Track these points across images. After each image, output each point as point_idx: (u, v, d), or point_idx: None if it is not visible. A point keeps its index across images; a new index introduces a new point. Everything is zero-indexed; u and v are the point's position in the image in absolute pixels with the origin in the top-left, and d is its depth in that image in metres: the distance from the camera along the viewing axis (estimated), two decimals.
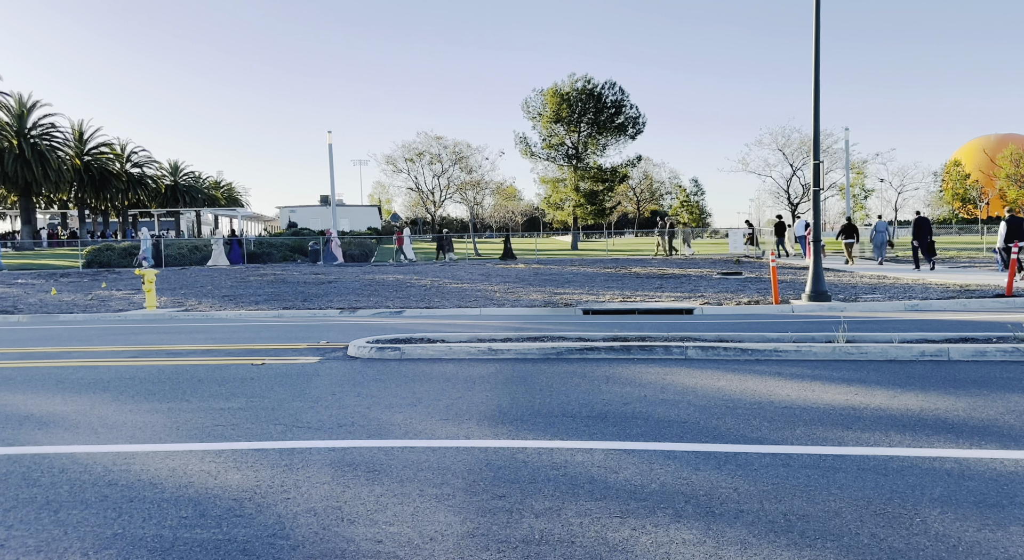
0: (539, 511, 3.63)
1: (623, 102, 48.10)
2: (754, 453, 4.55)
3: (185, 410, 5.94)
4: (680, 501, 3.74)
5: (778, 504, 3.68)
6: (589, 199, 48.90)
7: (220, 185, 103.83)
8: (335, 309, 15.02)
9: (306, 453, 4.69)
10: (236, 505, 3.78)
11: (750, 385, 6.60)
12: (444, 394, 6.41)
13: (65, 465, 4.48)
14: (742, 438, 4.89)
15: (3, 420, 5.67)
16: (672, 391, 6.38)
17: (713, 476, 4.12)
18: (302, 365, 8.07)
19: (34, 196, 57.74)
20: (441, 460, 4.48)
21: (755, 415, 5.49)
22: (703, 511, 3.61)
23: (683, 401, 5.99)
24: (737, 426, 5.19)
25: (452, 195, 72.86)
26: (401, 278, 22.87)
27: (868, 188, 71.90)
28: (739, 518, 3.51)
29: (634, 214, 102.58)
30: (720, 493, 3.85)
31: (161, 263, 30.83)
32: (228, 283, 22.21)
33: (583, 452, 4.61)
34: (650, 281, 20.31)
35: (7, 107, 53.29)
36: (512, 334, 9.56)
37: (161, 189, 78.82)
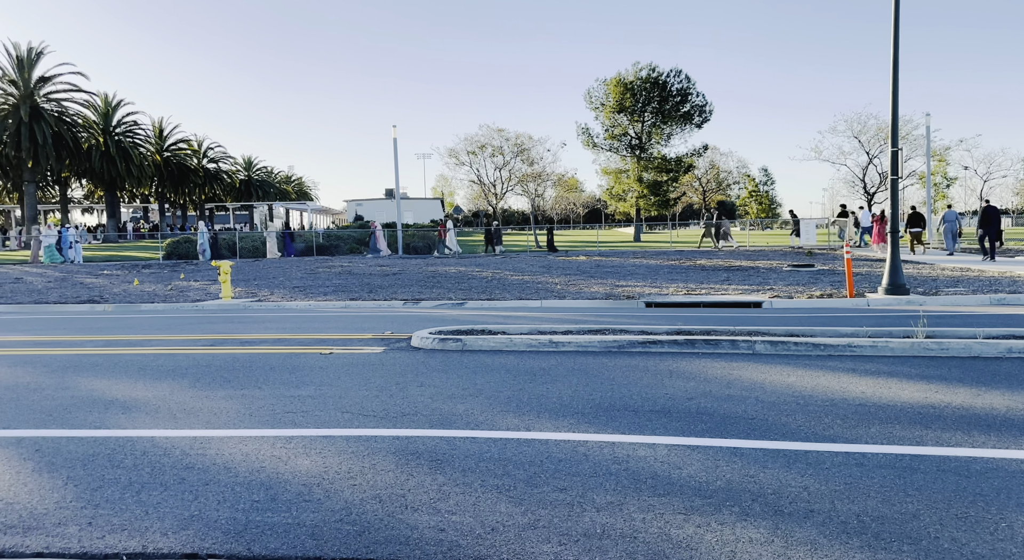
0: (601, 505, 3.60)
1: (689, 90, 47.05)
2: (825, 451, 4.39)
3: (258, 397, 6.16)
4: (747, 499, 3.65)
5: (851, 504, 3.55)
6: (652, 190, 48.11)
7: (291, 179, 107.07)
8: (399, 300, 15.29)
9: (372, 441, 4.79)
10: (305, 490, 3.90)
11: (822, 381, 6.38)
12: (505, 386, 6.44)
13: (146, 448, 4.72)
14: (813, 436, 4.73)
15: (90, 404, 6.01)
16: (739, 387, 6.23)
17: (782, 474, 4.00)
18: (367, 355, 8.25)
19: (118, 191, 60.90)
20: (503, 451, 4.51)
21: (827, 412, 5.30)
22: (771, 510, 3.51)
23: (750, 397, 5.83)
24: (808, 423, 5.03)
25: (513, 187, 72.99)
26: (463, 270, 23.08)
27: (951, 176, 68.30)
28: (809, 518, 3.40)
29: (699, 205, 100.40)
30: (789, 492, 3.73)
31: (217, 255, 32.01)
32: (298, 275, 22.90)
33: (645, 447, 4.55)
34: (716, 273, 19.87)
35: (94, 106, 56.29)
36: (573, 327, 9.52)
37: (236, 184, 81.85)
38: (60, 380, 7.04)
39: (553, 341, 8.39)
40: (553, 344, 8.36)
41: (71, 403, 6.03)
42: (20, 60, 48.58)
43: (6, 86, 48.64)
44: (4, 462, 4.45)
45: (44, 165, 49.63)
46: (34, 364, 8.03)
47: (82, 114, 54.45)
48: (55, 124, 48.58)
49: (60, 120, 49.77)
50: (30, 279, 22.99)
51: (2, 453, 4.64)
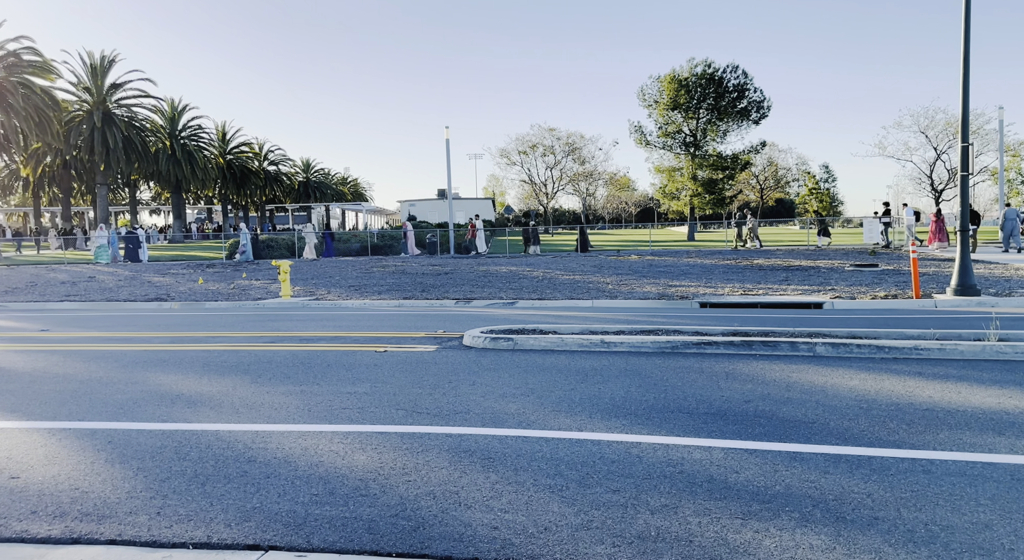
0: (655, 508, 3.56)
1: (746, 86, 46.02)
2: (890, 457, 4.24)
3: (316, 393, 6.31)
4: (807, 505, 3.55)
5: (918, 513, 3.42)
6: (707, 188, 47.25)
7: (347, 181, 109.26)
8: (451, 299, 15.43)
9: (425, 438, 4.85)
10: (362, 485, 3.97)
11: (886, 385, 6.16)
12: (557, 385, 6.43)
13: (211, 442, 4.89)
14: (877, 441, 4.57)
15: (158, 399, 6.26)
16: (798, 390, 6.07)
17: (844, 480, 3.88)
18: (420, 353, 8.35)
19: (184, 193, 63.20)
20: (554, 451, 4.50)
21: (892, 417, 5.12)
22: (833, 516, 3.40)
23: (811, 400, 5.67)
24: (872, 428, 4.86)
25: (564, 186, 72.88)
26: (514, 270, 23.14)
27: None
28: (873, 525, 3.29)
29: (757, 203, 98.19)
30: (852, 498, 3.62)
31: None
32: (354, 274, 23.35)
33: (701, 450, 4.47)
34: (774, 273, 19.39)
35: (161, 111, 58.56)
36: (625, 327, 9.43)
37: (295, 185, 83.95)
38: (130, 375, 7.35)
39: (605, 341, 8.33)
40: (605, 344, 8.30)
41: (140, 397, 6.29)
42: (93, 68, 50.93)
43: (80, 93, 51.07)
44: (80, 452, 4.68)
45: (115, 168, 51.91)
46: (106, 359, 8.41)
47: (150, 119, 56.74)
48: (125, 129, 50.75)
49: (130, 125, 51.97)
50: (102, 277, 24.08)
51: (78, 444, 4.88)
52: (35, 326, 12.43)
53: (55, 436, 5.07)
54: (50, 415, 5.67)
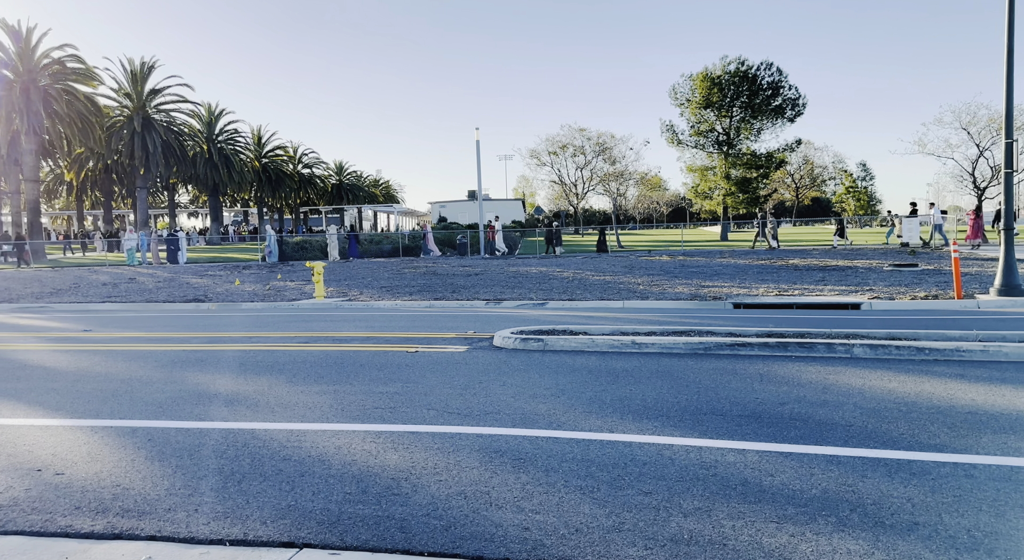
0: (688, 510, 3.53)
1: (780, 83, 45.31)
2: (931, 461, 4.13)
3: (349, 393, 6.38)
4: (844, 509, 3.48)
5: (960, 518, 3.33)
6: (741, 187, 46.62)
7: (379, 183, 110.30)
8: (481, 300, 15.47)
9: (456, 438, 4.87)
10: (394, 484, 4.00)
11: (927, 388, 6.01)
12: (587, 386, 6.40)
13: (247, 440, 4.97)
14: (917, 445, 4.46)
15: (196, 397, 6.39)
16: (835, 392, 5.95)
17: (883, 484, 3.79)
18: (451, 353, 8.39)
19: (221, 195, 64.44)
20: (585, 452, 4.48)
21: (933, 420, 4.99)
22: (871, 521, 3.33)
23: (848, 403, 5.56)
24: (911, 431, 4.74)
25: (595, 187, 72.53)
26: (544, 270, 23.11)
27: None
28: (913, 531, 3.21)
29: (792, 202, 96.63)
30: (891, 503, 3.54)
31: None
32: (385, 275, 23.56)
33: (734, 453, 4.41)
34: (810, 273, 19.05)
35: (198, 116, 59.81)
36: (656, 328, 9.36)
37: (328, 188, 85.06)
38: (169, 374, 7.52)
39: (636, 342, 8.28)
40: (636, 345, 8.25)
41: (179, 396, 6.43)
42: (134, 74, 52.23)
43: (121, 99, 52.41)
44: (121, 450, 4.80)
45: (154, 172, 53.17)
46: (146, 359, 8.61)
47: (188, 123, 57.99)
48: (164, 133, 51.94)
49: (168, 129, 53.17)
50: (142, 279, 24.67)
51: (119, 441, 5.01)
52: (78, 326, 12.78)
53: (97, 434, 5.20)
54: (93, 413, 5.83)
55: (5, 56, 41.44)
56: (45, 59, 42.54)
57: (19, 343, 10.41)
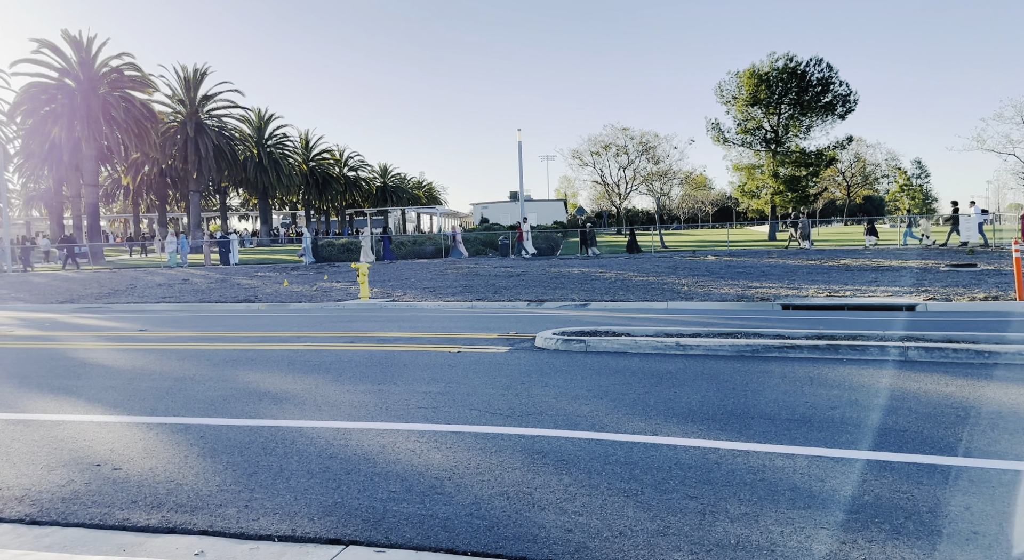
0: (734, 515, 3.46)
1: (831, 79, 44.17)
2: (991, 469, 3.97)
3: (393, 392, 6.45)
4: (899, 517, 3.37)
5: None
6: (790, 186, 45.59)
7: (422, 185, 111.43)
8: (523, 301, 15.47)
9: (498, 438, 4.88)
10: (437, 483, 4.04)
11: (986, 392, 5.78)
12: (630, 388, 6.34)
13: (295, 437, 5.07)
14: (976, 451, 4.30)
15: (246, 395, 6.55)
16: (889, 396, 5.77)
17: (939, 492, 3.66)
18: (493, 354, 8.41)
19: (270, 198, 65.95)
20: (628, 455, 4.44)
21: (993, 426, 4.80)
22: (927, 530, 3.22)
23: (902, 408, 5.39)
24: (970, 438, 4.57)
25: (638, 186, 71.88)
26: (586, 271, 22.99)
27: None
28: (972, 541, 3.09)
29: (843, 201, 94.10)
30: (949, 511, 3.41)
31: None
32: (428, 276, 23.77)
33: (783, 457, 4.32)
34: (862, 274, 18.53)
35: (249, 120, 61.37)
36: (701, 330, 9.22)
37: (372, 190, 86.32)
38: (220, 372, 7.73)
39: (680, 344, 8.17)
40: (680, 347, 8.14)
41: (230, 394, 6.60)
42: (187, 81, 53.87)
43: (175, 105, 54.14)
44: (174, 446, 4.95)
45: (206, 176, 54.73)
46: (199, 357, 8.86)
47: (238, 128, 59.56)
48: (215, 138, 53.44)
49: (220, 134, 54.68)
50: (195, 280, 25.41)
51: (173, 438, 5.16)
52: (134, 326, 13.23)
53: (152, 430, 5.38)
54: (148, 410, 6.02)
55: (67, 65, 43.19)
56: (104, 68, 44.17)
57: (79, 342, 10.83)
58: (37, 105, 43.14)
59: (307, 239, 34.90)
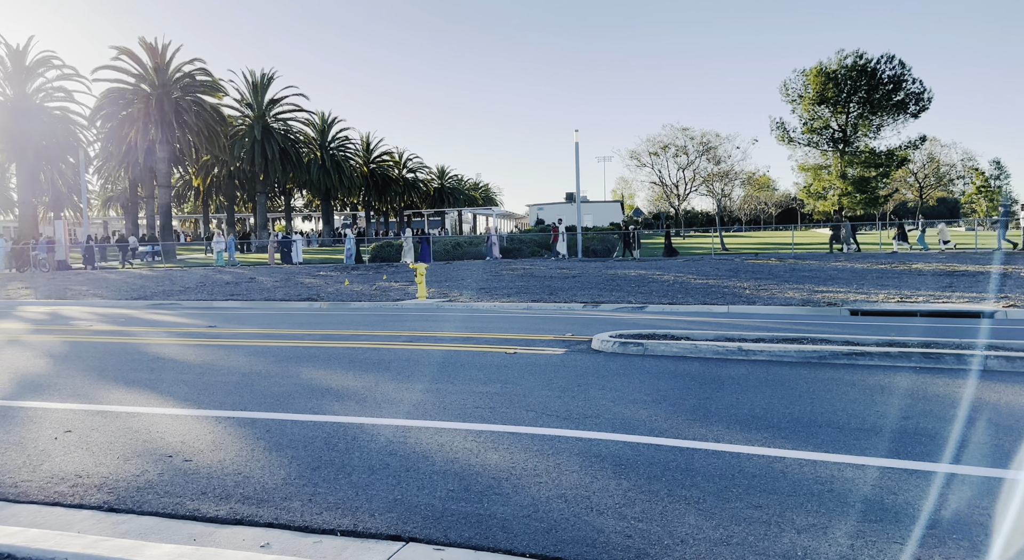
0: (801, 527, 3.35)
1: (903, 77, 42.39)
2: None
3: (450, 391, 6.51)
4: (979, 534, 3.20)
5: None
6: (858, 187, 43.94)
7: (478, 186, 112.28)
8: (578, 303, 15.39)
9: (555, 440, 4.86)
10: (495, 483, 4.04)
11: None
12: (690, 393, 6.22)
13: (356, 434, 5.17)
14: None
15: (310, 391, 6.71)
16: (966, 407, 5.49)
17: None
18: (549, 356, 8.39)
19: (332, 200, 67.60)
20: (689, 461, 4.35)
21: None
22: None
23: (980, 419, 5.12)
24: None
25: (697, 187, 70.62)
26: (643, 273, 22.70)
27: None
28: None
29: (915, 202, 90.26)
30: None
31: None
32: (484, 277, 23.91)
33: (853, 468, 4.16)
34: (936, 279, 17.73)
35: (313, 124, 63.05)
36: (765, 334, 8.98)
37: (430, 191, 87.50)
38: (285, 369, 7.94)
39: (743, 349, 7.97)
40: (743, 352, 7.94)
41: (294, 390, 6.77)
42: (255, 85, 55.73)
43: (243, 109, 56.07)
44: (242, 440, 5.11)
45: (272, 178, 56.51)
46: (265, 354, 9.14)
47: (303, 131, 61.26)
48: (281, 141, 55.10)
49: (285, 137, 56.35)
50: (261, 279, 26.23)
51: (240, 432, 5.33)
52: (204, 322, 13.74)
53: (221, 424, 5.56)
54: (217, 404, 6.24)
55: (143, 71, 45.24)
56: (177, 73, 46.10)
57: (153, 337, 11.31)
58: (115, 109, 45.34)
59: (350, 240, 35.50)
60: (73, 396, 6.71)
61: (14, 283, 26.48)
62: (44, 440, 5.20)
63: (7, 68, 43.77)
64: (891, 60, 42.85)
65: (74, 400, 6.52)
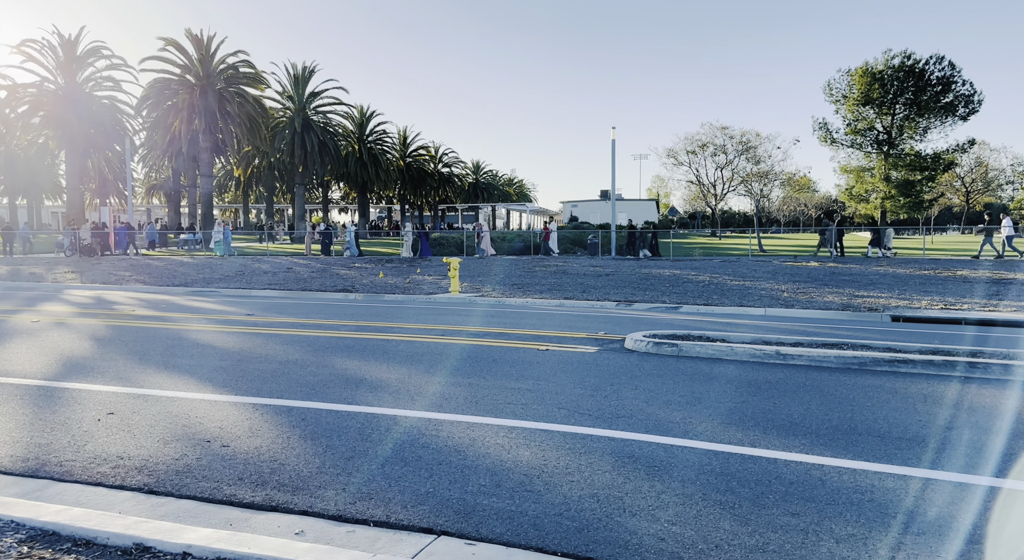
0: (840, 536, 3.28)
1: (952, 78, 41.18)
2: None
3: (482, 386, 6.51)
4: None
5: None
6: (903, 190, 42.86)
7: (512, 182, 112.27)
8: (612, 301, 15.28)
9: (587, 439, 4.83)
10: (526, 480, 4.03)
11: None
12: (726, 396, 6.13)
13: (389, 425, 5.20)
14: None
15: (344, 381, 6.78)
16: (1014, 419, 5.32)
17: None
18: (581, 354, 8.34)
19: (368, 193, 68.21)
20: (725, 466, 4.29)
21: None
22: None
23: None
24: None
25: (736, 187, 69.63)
26: (677, 273, 22.46)
27: None
28: None
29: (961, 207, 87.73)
30: None
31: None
32: (517, 272, 23.91)
33: (894, 478, 4.05)
34: (982, 286, 17.21)
35: (351, 117, 63.66)
36: (803, 338, 8.80)
37: (465, 186, 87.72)
38: (321, 358, 8.04)
39: (781, 353, 7.83)
40: (780, 356, 7.80)
41: (329, 379, 6.85)
42: (296, 78, 56.47)
43: (284, 101, 56.87)
44: (278, 427, 5.18)
45: (311, 170, 57.21)
46: (301, 343, 9.26)
47: (342, 124, 61.89)
48: (320, 134, 55.74)
49: (324, 130, 56.99)
50: (298, 269, 26.62)
51: (276, 419, 5.41)
52: (242, 311, 13.99)
53: (258, 411, 5.65)
54: (254, 391, 6.34)
55: (189, 62, 46.15)
56: (221, 65, 46.92)
57: (193, 323, 11.55)
58: (161, 99, 46.36)
59: (350, 232, 34.66)
60: (116, 379, 6.88)
61: (61, 267, 27.29)
62: (88, 421, 5.34)
63: (59, 57, 45.05)
64: (940, 61, 41.67)
65: (116, 383, 6.69)
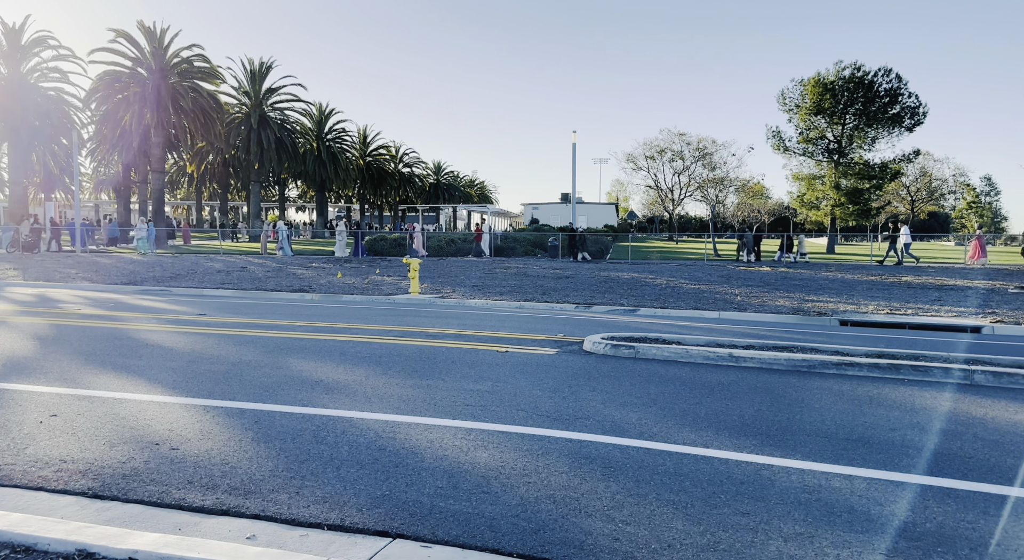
0: (788, 535, 3.37)
1: (899, 90, 42.68)
2: None
3: (440, 388, 6.49)
4: (963, 547, 3.22)
5: None
6: (851, 198, 44.24)
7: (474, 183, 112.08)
8: (571, 304, 15.40)
9: (545, 441, 4.86)
10: (483, 482, 4.04)
11: None
12: (680, 398, 6.24)
13: (345, 427, 5.15)
14: None
15: (299, 383, 6.68)
16: (953, 420, 5.54)
17: (1009, 525, 3.48)
18: (541, 356, 8.39)
19: (327, 191, 67.29)
20: (678, 466, 4.36)
21: None
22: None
23: (967, 433, 5.16)
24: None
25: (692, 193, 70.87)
26: (636, 276, 22.75)
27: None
28: None
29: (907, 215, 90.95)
30: (1019, 545, 3.24)
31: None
32: (477, 274, 23.89)
33: (840, 478, 4.18)
34: (926, 292, 17.86)
35: (310, 114, 62.72)
36: (755, 341, 9.01)
37: (426, 187, 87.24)
38: (275, 359, 7.90)
39: (733, 355, 8.00)
40: (733, 358, 7.97)
41: (283, 381, 6.74)
42: (253, 73, 55.37)
43: (240, 97, 55.71)
44: (230, 430, 5.08)
45: (267, 167, 56.15)
46: (255, 344, 9.09)
47: (300, 122, 60.90)
48: (278, 131, 54.75)
49: (282, 127, 56.00)
50: (252, 268, 26.11)
51: (228, 421, 5.30)
52: (194, 310, 13.66)
53: (209, 413, 5.53)
54: (205, 393, 6.20)
55: (141, 55, 44.89)
56: (175, 58, 45.75)
57: (141, 323, 11.23)
58: (111, 92, 44.96)
59: (282, 232, 34.36)
60: (60, 380, 6.65)
61: (1, 264, 26.25)
62: (29, 424, 5.15)
63: (2, 47, 43.34)
64: (888, 73, 43.13)
65: (60, 384, 6.47)
